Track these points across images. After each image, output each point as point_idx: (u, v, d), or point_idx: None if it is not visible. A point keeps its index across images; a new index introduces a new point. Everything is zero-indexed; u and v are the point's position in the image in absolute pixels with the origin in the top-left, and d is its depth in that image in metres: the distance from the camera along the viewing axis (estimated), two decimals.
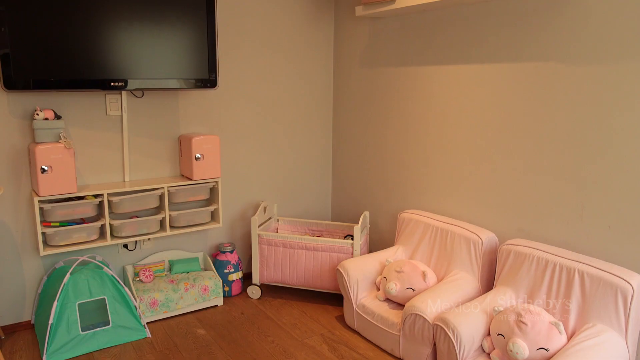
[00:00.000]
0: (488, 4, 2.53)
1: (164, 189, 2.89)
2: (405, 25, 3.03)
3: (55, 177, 2.53)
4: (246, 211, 3.48)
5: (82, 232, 2.69)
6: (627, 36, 2.01)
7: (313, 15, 3.52)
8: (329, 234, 3.43)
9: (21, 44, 2.43)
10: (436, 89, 2.87)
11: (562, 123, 2.27)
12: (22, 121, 2.63)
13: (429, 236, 2.77)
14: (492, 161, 2.61)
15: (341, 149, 3.71)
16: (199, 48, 2.85)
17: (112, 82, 2.66)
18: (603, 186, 2.15)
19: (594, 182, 2.18)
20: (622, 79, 2.04)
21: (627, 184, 2.07)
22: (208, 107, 3.19)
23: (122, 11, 2.62)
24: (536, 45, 2.34)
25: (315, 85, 3.63)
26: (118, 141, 2.91)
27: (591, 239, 2.22)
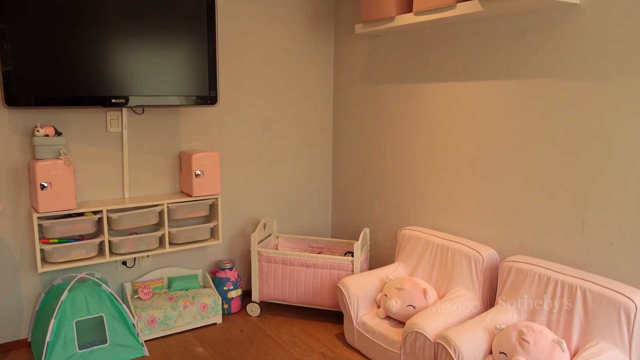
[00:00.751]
0: (486, 22, 2.55)
1: (164, 205, 2.88)
2: (405, 42, 3.05)
3: (55, 193, 2.53)
4: (246, 228, 3.47)
5: (80, 248, 2.67)
6: (624, 52, 2.02)
7: (313, 33, 3.55)
8: (329, 250, 3.41)
9: (23, 61, 2.45)
10: (435, 105, 2.88)
11: (562, 139, 2.27)
12: (23, 137, 2.64)
13: (430, 253, 2.75)
14: (492, 178, 2.61)
15: (341, 166, 3.72)
16: (200, 65, 2.87)
17: (113, 99, 2.67)
18: (604, 202, 2.15)
19: (595, 198, 2.18)
20: (620, 94, 2.05)
21: (628, 200, 2.06)
22: (208, 124, 3.20)
23: (123, 29, 2.65)
24: (534, 62, 2.35)
25: (315, 102, 3.65)
26: (118, 158, 2.92)
27: (593, 256, 2.21)
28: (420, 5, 2.57)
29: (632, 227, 2.06)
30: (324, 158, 3.77)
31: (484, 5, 2.27)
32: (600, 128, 2.13)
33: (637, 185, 2.03)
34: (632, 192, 2.05)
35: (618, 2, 2.03)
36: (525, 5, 2.20)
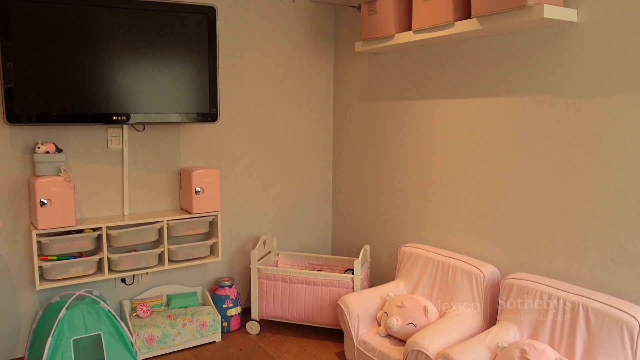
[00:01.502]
0: (485, 40, 2.57)
1: (163, 222, 2.87)
2: (404, 60, 3.08)
3: (54, 210, 2.52)
4: (245, 245, 3.45)
5: (79, 266, 2.66)
6: (621, 68, 2.04)
7: (313, 51, 3.59)
8: (329, 268, 3.39)
9: (25, 78, 2.47)
10: (435, 123, 2.90)
11: (562, 156, 2.28)
12: (23, 154, 2.65)
13: (430, 270, 2.74)
14: (492, 194, 2.60)
15: (341, 183, 3.72)
16: (201, 83, 2.89)
17: (114, 116, 2.68)
18: (605, 219, 2.14)
19: (596, 214, 2.17)
20: (620, 111, 2.06)
21: (629, 217, 2.06)
22: (208, 141, 3.21)
23: (125, 47, 2.67)
24: (533, 79, 2.37)
25: (315, 119, 3.67)
26: (118, 174, 2.92)
27: (594, 273, 2.20)
28: (419, 24, 2.60)
29: (633, 244, 2.05)
30: (324, 175, 3.77)
31: (482, 23, 2.30)
32: (600, 145, 2.13)
33: (637, 202, 2.03)
34: (633, 209, 2.04)
35: (614, 19, 2.05)
36: (523, 24, 2.22)
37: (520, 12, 2.12)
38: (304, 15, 3.51)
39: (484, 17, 2.28)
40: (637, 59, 1.99)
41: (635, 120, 2.01)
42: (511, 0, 2.11)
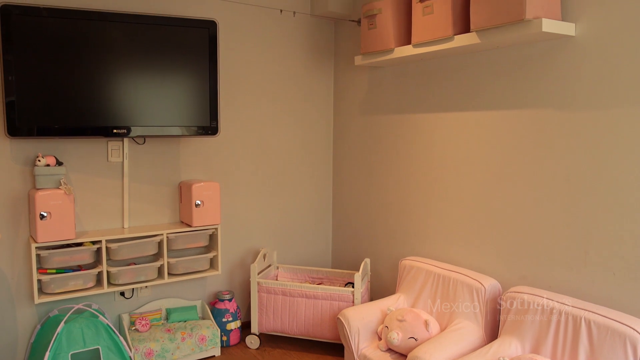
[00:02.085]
0: (484, 54, 2.59)
1: (163, 235, 2.87)
2: (404, 73, 3.09)
3: (54, 223, 2.52)
4: (245, 258, 3.44)
5: (78, 279, 2.65)
6: (620, 81, 2.04)
7: (313, 64, 3.61)
8: (330, 281, 3.37)
9: (27, 91, 2.48)
10: (436, 136, 2.90)
11: (562, 169, 2.28)
12: (24, 167, 2.65)
13: (431, 284, 2.72)
14: (493, 207, 2.60)
15: (341, 196, 3.71)
16: (201, 96, 2.91)
17: (114, 129, 2.69)
18: (606, 232, 2.13)
19: (597, 227, 2.16)
20: (620, 124, 2.06)
21: (631, 229, 2.05)
22: (209, 154, 3.22)
23: (126, 60, 2.69)
24: (532, 93, 2.38)
25: (316, 133, 3.67)
26: (118, 187, 2.92)
27: (596, 286, 2.18)
28: (418, 38, 2.62)
29: (635, 257, 2.04)
30: (324, 188, 3.77)
31: (481, 37, 2.31)
32: (600, 157, 2.14)
33: (639, 214, 2.02)
34: (634, 221, 2.04)
35: (612, 33, 2.06)
36: (521, 38, 2.24)
37: (519, 26, 2.14)
38: (304, 29, 3.54)
39: (482, 31, 2.30)
40: (635, 72, 2.00)
41: (635, 132, 2.01)
42: (510, 14, 2.13)
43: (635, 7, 1.99)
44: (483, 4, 2.24)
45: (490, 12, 2.21)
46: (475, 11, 2.29)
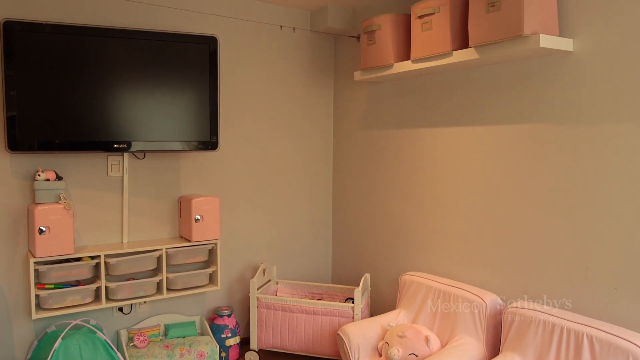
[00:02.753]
0: (483, 69, 2.61)
1: (162, 250, 2.86)
2: (404, 88, 3.11)
3: (53, 238, 2.51)
4: (245, 273, 3.42)
5: (76, 294, 2.63)
6: (618, 97, 2.05)
7: (313, 80, 3.63)
8: (329, 297, 3.35)
9: (28, 106, 2.50)
10: (435, 151, 2.91)
11: (562, 184, 2.28)
12: (24, 182, 2.65)
13: (432, 299, 2.71)
14: (493, 222, 2.59)
15: (341, 211, 3.71)
16: (201, 111, 2.92)
17: (115, 144, 2.70)
18: (607, 247, 2.13)
19: (597, 242, 2.16)
20: (619, 138, 2.07)
21: (631, 244, 2.04)
22: (209, 169, 3.22)
23: (126, 76, 2.71)
24: (531, 108, 2.39)
25: (316, 147, 3.68)
26: (118, 202, 2.92)
27: (597, 302, 2.17)
28: (417, 53, 2.64)
29: (637, 272, 2.03)
30: (324, 203, 3.76)
31: (479, 53, 2.33)
32: (600, 171, 2.14)
33: (639, 229, 2.02)
34: (635, 235, 2.03)
35: (609, 48, 2.08)
36: (520, 53, 2.25)
37: (517, 42, 2.16)
38: (304, 45, 3.57)
39: (481, 46, 2.31)
40: (632, 87, 2.01)
41: (634, 146, 2.02)
42: (508, 30, 2.15)
43: (632, 23, 2.01)
44: (481, 20, 2.27)
45: (489, 28, 2.23)
46: (473, 27, 2.32)
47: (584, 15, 2.17)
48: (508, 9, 2.14)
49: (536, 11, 2.11)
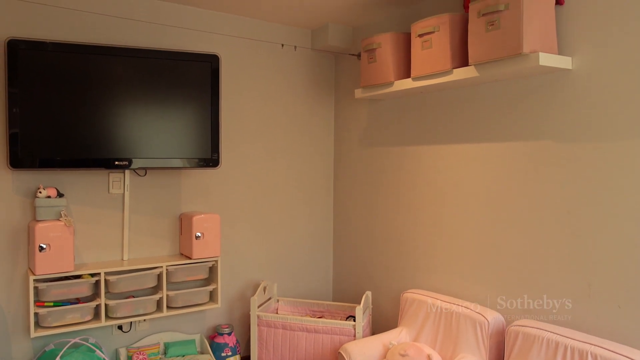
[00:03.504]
0: (483, 87, 2.62)
1: (163, 268, 2.84)
2: (404, 106, 3.13)
3: (53, 255, 2.50)
4: (245, 291, 3.40)
5: (76, 312, 2.61)
6: (618, 114, 2.06)
7: (314, 97, 3.65)
8: (331, 314, 3.33)
9: (30, 124, 2.51)
10: (436, 168, 2.91)
11: (563, 201, 2.27)
12: (25, 199, 2.65)
13: (434, 317, 2.68)
14: (494, 239, 2.59)
15: (342, 228, 3.70)
16: (203, 129, 2.93)
17: (116, 161, 2.71)
18: (609, 263, 2.12)
19: (599, 259, 2.15)
20: (619, 155, 2.07)
21: (635, 260, 2.03)
22: (209, 186, 3.22)
23: (128, 93, 2.73)
24: (532, 125, 2.39)
25: (316, 165, 3.69)
26: (119, 219, 2.91)
27: (600, 319, 2.15)
28: (417, 71, 2.66)
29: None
30: (324, 220, 3.76)
31: (479, 71, 2.35)
32: (601, 188, 2.14)
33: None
34: (638, 252, 2.02)
35: (608, 66, 2.10)
36: (519, 71, 2.27)
37: (517, 60, 2.17)
38: (305, 63, 3.60)
39: (481, 64, 2.33)
40: (631, 104, 2.02)
41: (635, 163, 2.02)
42: (507, 49, 2.17)
43: (630, 41, 2.03)
44: (481, 39, 2.29)
45: (488, 46, 2.25)
46: (473, 45, 2.34)
47: (582, 33, 2.19)
48: (507, 27, 2.16)
49: (535, 29, 2.13)
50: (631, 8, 2.02)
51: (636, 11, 2.01)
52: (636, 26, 2.01)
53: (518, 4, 2.11)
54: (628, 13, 2.03)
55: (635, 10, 2.01)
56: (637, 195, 2.02)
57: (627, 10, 2.04)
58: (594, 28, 2.15)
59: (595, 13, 2.14)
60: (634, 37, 2.02)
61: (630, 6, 2.03)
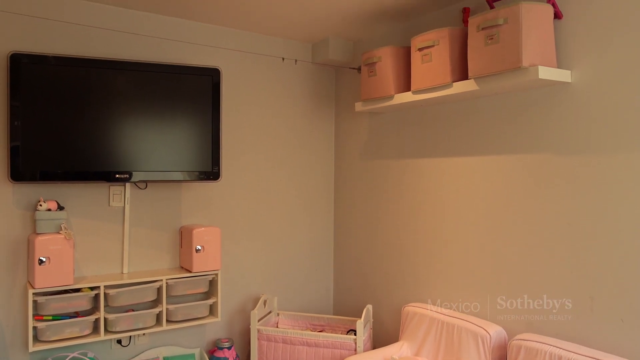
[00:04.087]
0: (483, 100, 2.63)
1: (163, 281, 2.83)
2: (405, 119, 3.14)
3: (53, 268, 2.49)
4: (246, 305, 3.38)
5: (75, 326, 2.60)
6: (616, 127, 2.07)
7: (314, 111, 3.67)
8: (331, 328, 3.30)
9: (32, 137, 2.52)
10: (437, 180, 2.91)
11: (564, 213, 2.27)
12: (25, 212, 2.65)
13: (435, 331, 2.66)
14: (495, 252, 2.58)
15: (343, 242, 3.69)
16: (204, 141, 2.94)
17: (117, 174, 2.71)
18: (612, 277, 2.10)
19: (602, 272, 2.14)
20: (620, 168, 2.07)
21: (637, 273, 2.02)
22: (210, 199, 3.22)
23: (130, 107, 2.74)
24: (532, 138, 2.40)
25: (317, 178, 3.69)
26: (119, 232, 2.91)
27: (603, 333, 2.13)
28: (418, 85, 2.67)
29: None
30: (325, 234, 3.75)
31: (479, 84, 2.36)
32: (601, 200, 2.13)
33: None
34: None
35: (607, 79, 2.11)
36: (519, 85, 2.28)
37: (516, 74, 2.19)
38: (306, 76, 3.62)
39: (480, 78, 2.34)
40: (630, 117, 2.03)
41: (635, 176, 2.02)
42: (506, 62, 2.18)
43: (628, 54, 2.04)
44: (480, 52, 2.30)
45: (488, 60, 2.27)
46: (472, 59, 2.35)
47: (581, 47, 2.20)
48: (506, 41, 2.18)
49: (534, 43, 2.14)
50: (629, 22, 2.04)
51: (634, 25, 2.03)
52: (634, 39, 2.03)
53: (517, 18, 2.13)
54: (626, 26, 2.05)
55: (633, 23, 2.03)
56: (638, 207, 2.02)
57: (625, 24, 2.05)
58: (592, 41, 2.16)
59: (594, 27, 2.16)
60: (632, 50, 2.03)
61: (628, 20, 2.04)
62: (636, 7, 2.02)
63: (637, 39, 2.02)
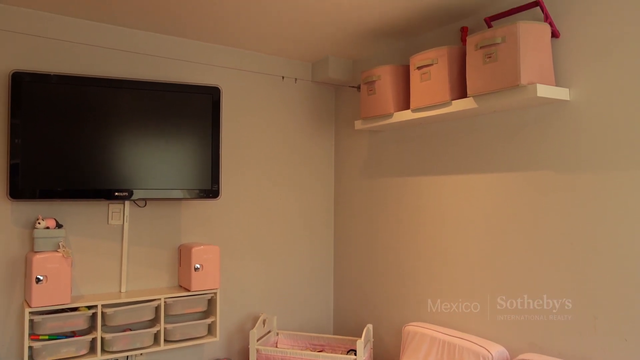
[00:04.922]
0: (482, 117, 2.64)
1: (161, 300, 2.80)
2: (404, 137, 3.14)
3: (50, 287, 2.47)
4: (245, 324, 3.35)
5: (71, 346, 2.56)
6: (615, 144, 2.07)
7: (314, 129, 3.68)
8: (331, 348, 3.26)
9: (32, 155, 2.52)
10: (437, 198, 2.90)
11: (565, 232, 2.26)
12: (23, 230, 2.64)
13: (436, 351, 2.63)
14: (497, 271, 2.56)
15: (343, 260, 3.67)
16: (203, 160, 2.94)
17: (116, 192, 2.71)
18: (614, 295, 2.08)
19: (604, 290, 2.11)
20: (619, 186, 2.07)
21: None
22: (209, 217, 3.21)
23: (130, 125, 2.75)
24: (531, 155, 2.40)
25: (316, 197, 3.68)
26: (117, 250, 2.89)
27: (607, 353, 2.10)
28: (417, 103, 2.68)
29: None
30: (325, 252, 3.73)
31: (478, 102, 2.37)
32: (602, 218, 2.12)
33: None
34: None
35: (605, 97, 2.11)
36: (517, 103, 2.29)
37: (514, 92, 2.20)
38: (306, 95, 3.64)
39: (479, 96, 2.35)
40: (629, 134, 2.03)
41: (634, 193, 2.01)
42: (505, 80, 2.19)
43: (625, 72, 2.05)
44: (479, 71, 2.32)
45: (486, 78, 2.28)
46: (471, 77, 2.36)
47: (579, 65, 2.22)
48: (505, 59, 2.19)
49: (532, 61, 2.16)
50: (626, 40, 2.06)
51: (630, 43, 2.04)
52: (631, 57, 2.04)
53: (514, 37, 2.15)
54: (623, 45, 2.07)
55: (630, 42, 2.04)
56: (638, 224, 2.00)
57: (621, 42, 2.07)
58: (590, 59, 2.18)
59: (591, 45, 2.17)
60: (629, 67, 2.05)
61: (625, 38, 2.06)
62: (632, 25, 2.04)
63: (633, 57, 2.03)
